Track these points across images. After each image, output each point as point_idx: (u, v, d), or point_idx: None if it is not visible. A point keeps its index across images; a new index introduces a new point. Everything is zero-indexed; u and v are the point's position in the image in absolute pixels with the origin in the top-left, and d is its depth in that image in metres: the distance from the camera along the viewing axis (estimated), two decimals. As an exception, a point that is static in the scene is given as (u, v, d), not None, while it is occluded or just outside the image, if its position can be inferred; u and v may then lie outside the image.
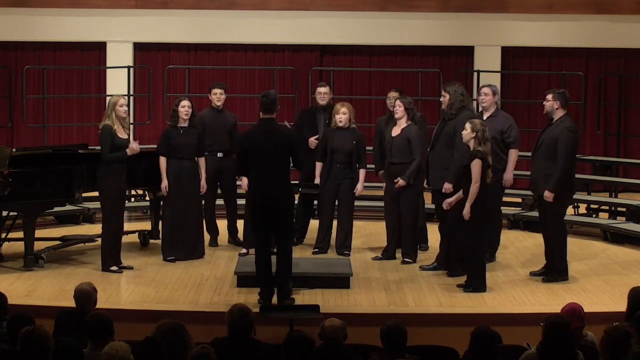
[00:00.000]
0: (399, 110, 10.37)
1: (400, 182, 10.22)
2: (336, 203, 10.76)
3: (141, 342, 5.49)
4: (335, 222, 10.82)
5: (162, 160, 10.45)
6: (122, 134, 9.88)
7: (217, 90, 11.24)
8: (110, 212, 9.93)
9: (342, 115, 10.60)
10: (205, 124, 11.05)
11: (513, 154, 10.23)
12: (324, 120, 11.18)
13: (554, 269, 9.76)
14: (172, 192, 10.40)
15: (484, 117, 10.16)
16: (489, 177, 9.28)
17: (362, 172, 10.66)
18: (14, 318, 6.27)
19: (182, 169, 10.46)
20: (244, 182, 10.49)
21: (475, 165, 9.17)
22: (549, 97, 9.75)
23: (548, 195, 9.53)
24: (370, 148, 11.31)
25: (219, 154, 11.07)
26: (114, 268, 9.95)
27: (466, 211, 9.17)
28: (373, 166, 11.13)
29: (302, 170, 9.98)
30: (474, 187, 9.17)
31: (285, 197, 8.79)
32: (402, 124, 10.39)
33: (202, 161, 10.64)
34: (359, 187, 10.65)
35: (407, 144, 10.28)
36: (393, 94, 10.94)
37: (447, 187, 9.68)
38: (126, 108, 9.90)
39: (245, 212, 10.65)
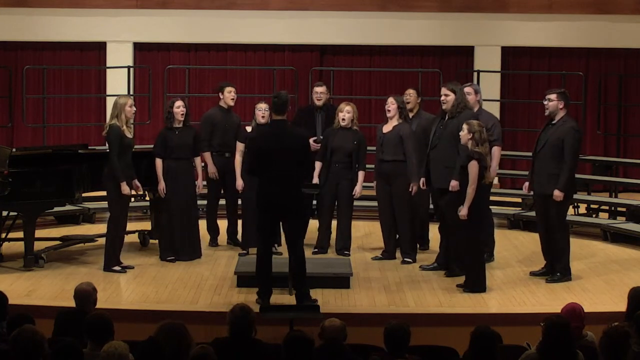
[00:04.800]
0: (392, 107, 10.42)
1: (415, 188, 10.25)
2: (335, 203, 10.77)
3: (143, 343, 5.49)
4: (334, 222, 10.82)
5: (159, 162, 10.43)
6: (128, 134, 9.90)
7: (232, 89, 11.19)
8: (118, 212, 9.93)
9: (346, 113, 10.55)
10: (214, 124, 11.03)
11: (496, 152, 10.22)
12: (321, 119, 11.16)
13: (558, 269, 9.75)
14: (169, 192, 10.40)
15: None
16: (487, 179, 9.28)
17: (361, 174, 10.62)
18: (14, 318, 6.27)
19: (179, 169, 10.44)
20: (239, 182, 10.51)
21: (472, 167, 9.17)
22: (553, 97, 9.72)
23: (558, 194, 9.52)
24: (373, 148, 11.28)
25: (227, 154, 11.02)
26: (117, 268, 9.95)
27: (464, 212, 9.17)
28: (373, 166, 11.10)
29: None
30: (471, 189, 9.16)
31: (294, 199, 8.77)
32: (394, 121, 10.42)
33: (198, 161, 10.64)
34: (358, 190, 10.61)
35: (399, 141, 10.30)
36: (410, 91, 10.93)
37: (454, 184, 9.60)
38: (135, 108, 9.95)
39: (243, 212, 10.65)
